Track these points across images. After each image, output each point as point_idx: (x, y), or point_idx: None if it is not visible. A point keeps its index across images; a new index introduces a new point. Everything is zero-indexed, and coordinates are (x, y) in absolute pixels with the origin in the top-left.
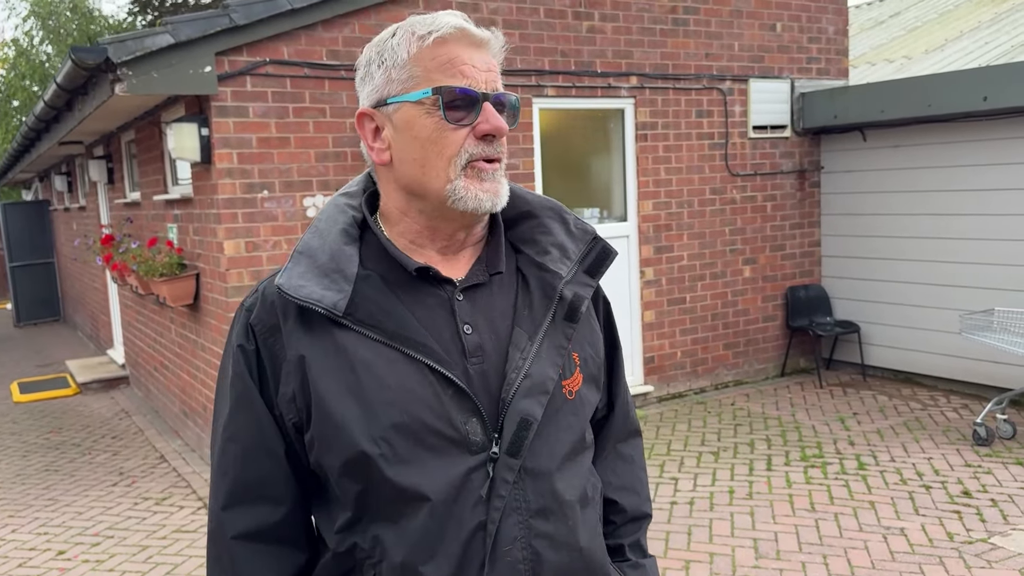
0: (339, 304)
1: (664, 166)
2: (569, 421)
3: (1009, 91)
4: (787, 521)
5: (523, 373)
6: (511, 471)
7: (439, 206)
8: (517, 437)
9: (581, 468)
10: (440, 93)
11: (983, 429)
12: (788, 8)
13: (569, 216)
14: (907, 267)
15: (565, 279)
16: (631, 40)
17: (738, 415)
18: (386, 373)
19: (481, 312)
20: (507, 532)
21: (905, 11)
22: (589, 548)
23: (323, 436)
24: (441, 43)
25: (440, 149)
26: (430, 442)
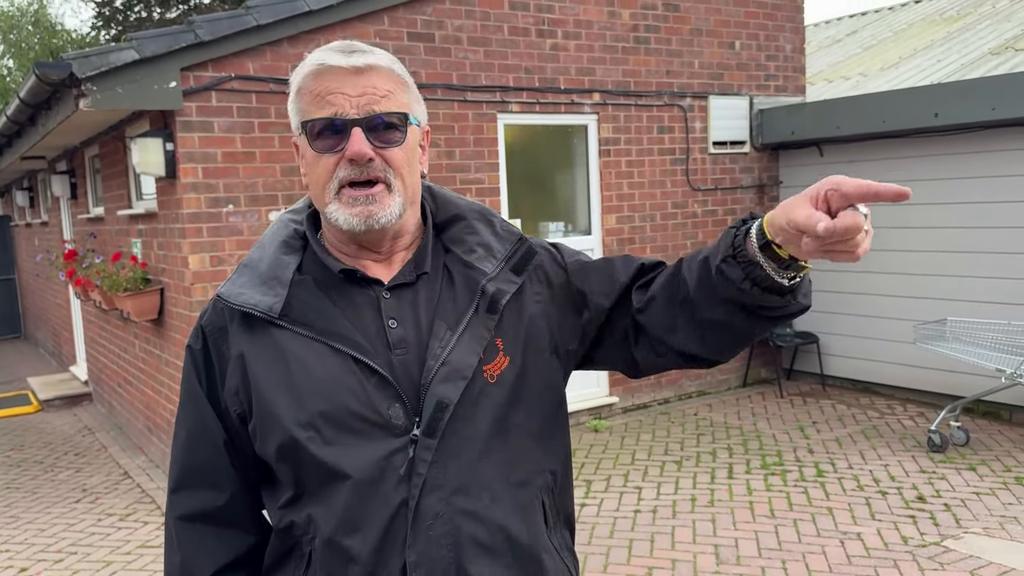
0: (275, 307)
1: (627, 181)
2: (490, 403)
3: (959, 108)
4: (747, 527)
5: (441, 360)
6: (429, 451)
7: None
8: (433, 419)
9: (513, 448)
10: (305, 127)
11: (937, 436)
12: (746, 27)
13: (496, 219)
14: (863, 279)
15: (489, 276)
16: (593, 58)
17: (701, 425)
18: (315, 366)
19: (408, 308)
20: (428, 508)
21: (861, 29)
22: (514, 527)
23: (261, 425)
24: (316, 75)
25: (317, 175)
26: (355, 426)
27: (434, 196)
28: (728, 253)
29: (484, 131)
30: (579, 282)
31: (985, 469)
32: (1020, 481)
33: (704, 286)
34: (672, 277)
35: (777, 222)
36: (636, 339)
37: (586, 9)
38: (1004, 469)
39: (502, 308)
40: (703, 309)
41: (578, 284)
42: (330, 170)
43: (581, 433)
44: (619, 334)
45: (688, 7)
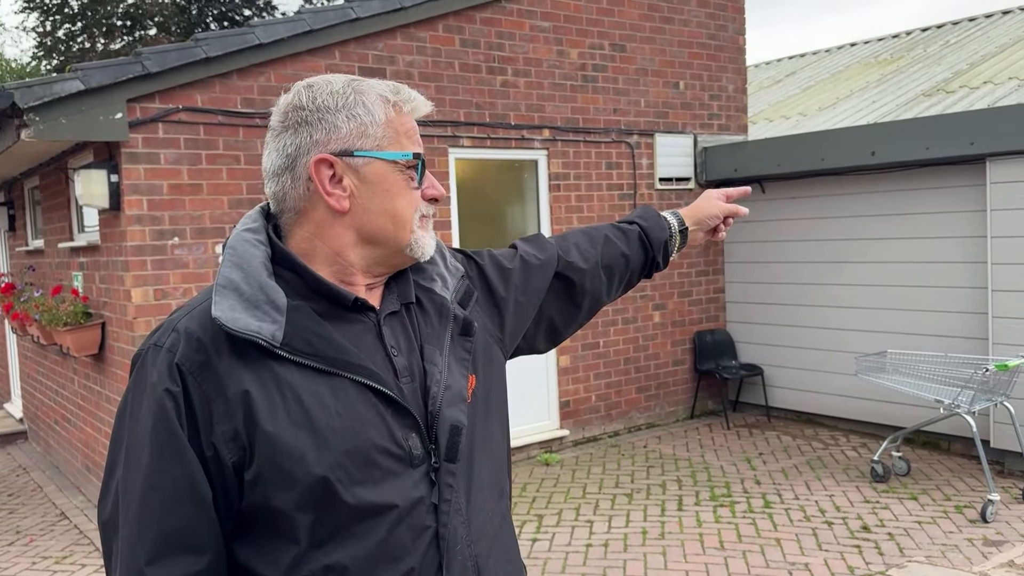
0: (276, 335)
1: (576, 215)
2: (473, 421)
3: (895, 147)
4: (698, 560)
5: (443, 385)
6: (452, 475)
7: (394, 253)
8: (451, 443)
9: (495, 463)
10: (419, 158)
11: (880, 466)
12: (690, 67)
13: (447, 252)
14: (805, 312)
15: (451, 303)
16: (543, 95)
17: (650, 457)
18: (332, 400)
19: (401, 336)
20: (455, 533)
21: (800, 71)
22: (507, 537)
23: (274, 471)
24: (410, 112)
25: (407, 204)
26: (380, 461)
27: None
28: (670, 234)
29: (435, 165)
30: (506, 290)
31: (926, 498)
32: (960, 509)
33: (638, 252)
34: (601, 250)
35: (711, 213)
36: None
37: (535, 48)
38: (944, 498)
39: (476, 331)
40: (631, 268)
41: (504, 292)
42: (418, 202)
43: (532, 467)
44: (548, 312)
45: (634, 47)
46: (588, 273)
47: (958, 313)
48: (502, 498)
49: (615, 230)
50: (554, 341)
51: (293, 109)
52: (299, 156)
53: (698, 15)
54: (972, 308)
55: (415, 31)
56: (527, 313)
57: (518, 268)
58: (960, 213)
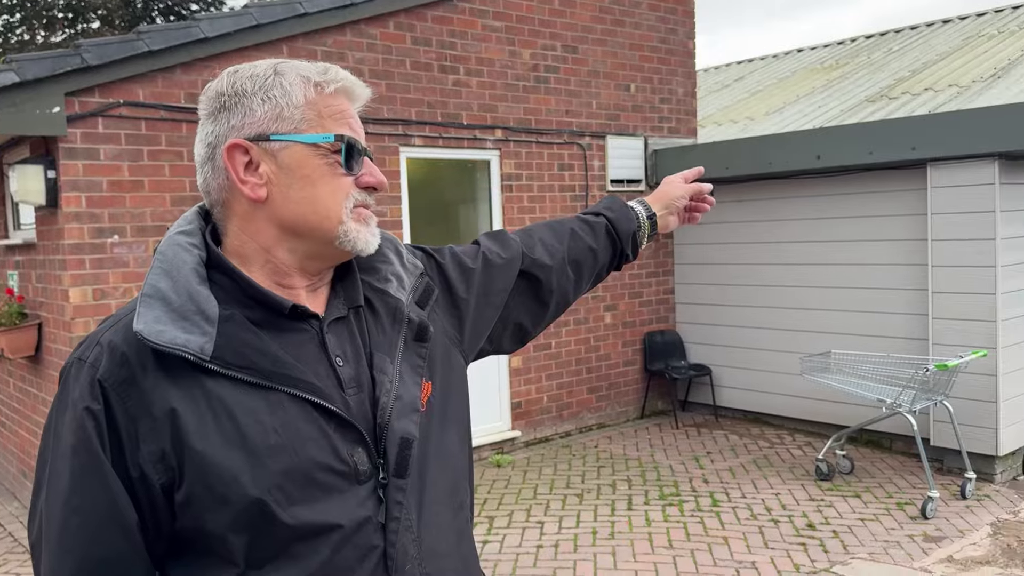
0: (205, 348)
1: (529, 216)
2: (428, 432)
3: (839, 151)
4: (647, 559)
5: (393, 395)
6: (401, 491)
7: (323, 245)
8: (401, 458)
9: (451, 475)
10: (343, 141)
11: (824, 465)
12: (641, 71)
13: (403, 249)
14: (752, 313)
15: (405, 305)
16: (495, 95)
17: (601, 457)
18: (268, 416)
19: (348, 343)
20: (404, 551)
21: (748, 76)
22: (465, 551)
23: (205, 492)
24: (335, 94)
25: (333, 191)
26: (322, 479)
27: None
28: (638, 226)
29: (386, 164)
30: (467, 291)
31: (869, 496)
32: (901, 507)
33: (605, 245)
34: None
35: (677, 194)
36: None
37: (487, 47)
38: (887, 496)
39: (431, 336)
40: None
41: (465, 293)
42: (348, 190)
43: (484, 469)
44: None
45: (586, 50)
46: (555, 270)
47: (900, 314)
48: (461, 511)
49: (581, 223)
50: (521, 341)
51: (215, 96)
52: (217, 144)
53: (649, 18)
54: (913, 309)
55: (365, 27)
56: (490, 314)
57: (480, 268)
58: (902, 216)
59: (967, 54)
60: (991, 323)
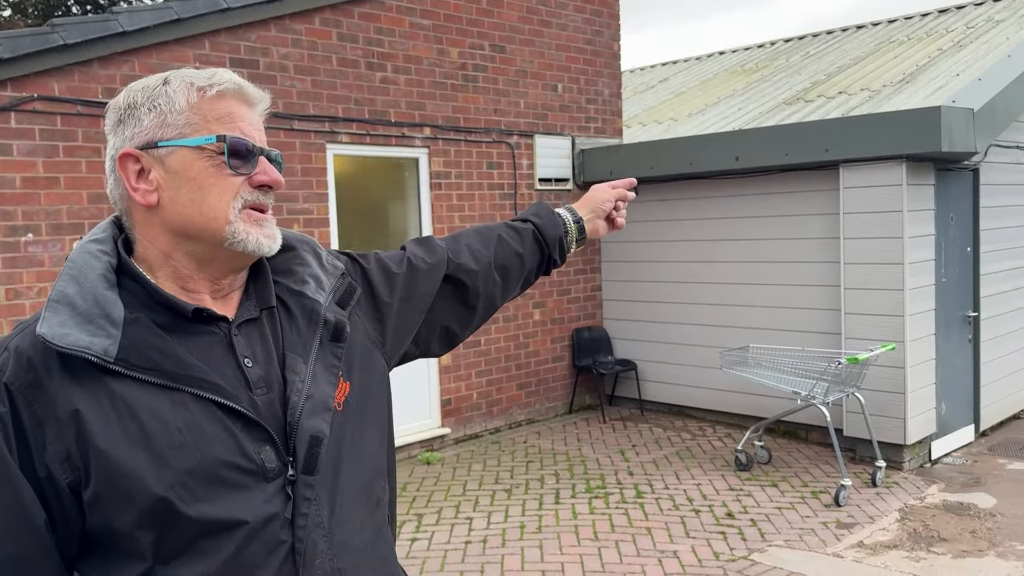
0: (109, 349)
1: (458, 214)
2: (343, 431)
3: (757, 152)
4: (573, 551)
5: (304, 395)
6: (310, 488)
7: (214, 247)
8: (310, 455)
9: (367, 472)
10: (224, 141)
11: (743, 455)
12: (568, 71)
13: (322, 251)
14: (675, 309)
15: (324, 306)
16: (424, 93)
17: (530, 452)
18: (172, 416)
19: (258, 345)
20: (313, 547)
21: (672, 77)
22: (382, 549)
23: (111, 491)
24: (220, 97)
25: (219, 192)
26: (228, 477)
27: None
28: (565, 230)
29: (312, 161)
30: (390, 295)
31: (786, 485)
32: (816, 495)
33: (533, 250)
34: (495, 249)
35: (603, 198)
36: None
37: (415, 45)
38: (802, 484)
39: (348, 336)
40: (525, 267)
41: (388, 297)
42: (237, 189)
43: (413, 466)
44: (440, 316)
45: (513, 49)
46: (480, 275)
47: (814, 310)
48: (378, 508)
49: (509, 229)
50: (450, 344)
51: (115, 110)
52: (115, 156)
53: (575, 20)
54: (827, 305)
55: (290, 23)
56: (413, 319)
57: (404, 272)
58: (816, 216)
59: (879, 59)
60: (899, 318)
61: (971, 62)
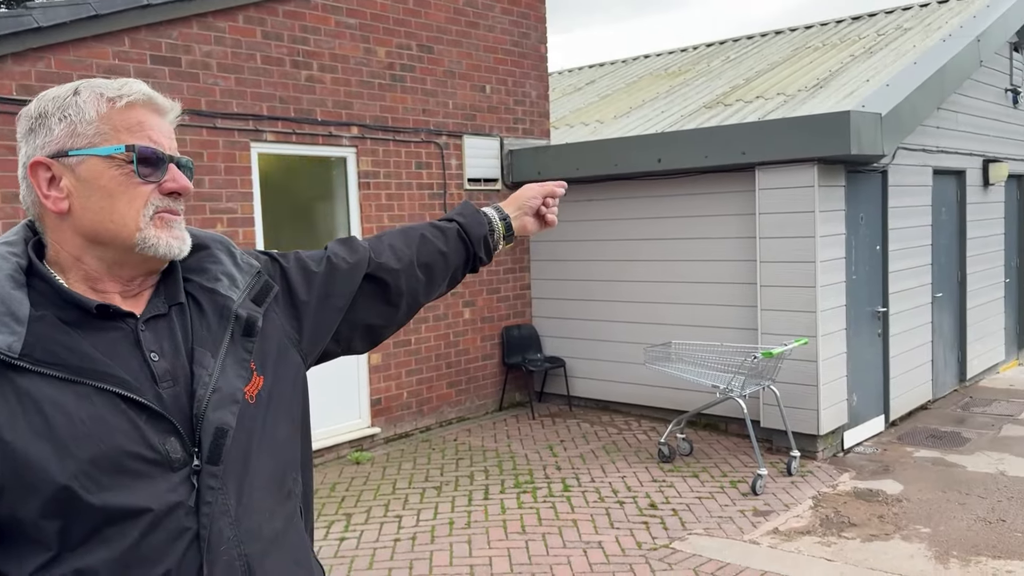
0: (13, 346)
1: (387, 213)
2: (254, 423)
3: (678, 154)
4: (501, 545)
5: (211, 388)
6: (215, 478)
7: (124, 252)
8: (215, 446)
9: (278, 464)
10: (133, 150)
11: (666, 448)
12: (496, 72)
13: (236, 250)
14: (602, 307)
15: (237, 303)
16: (351, 92)
17: (460, 450)
18: (76, 409)
19: (166, 340)
20: (219, 535)
21: (599, 80)
22: (292, 539)
23: (16, 482)
24: (130, 107)
25: (129, 200)
26: (132, 467)
27: None
28: (489, 229)
29: (236, 159)
30: (307, 293)
31: (706, 475)
32: (734, 484)
33: (457, 249)
34: (418, 249)
35: (529, 195)
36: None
37: (341, 44)
38: (721, 475)
39: (259, 331)
40: (449, 267)
41: (305, 296)
42: (147, 197)
43: (342, 467)
44: (361, 315)
45: (441, 50)
46: (403, 273)
47: (732, 306)
48: (288, 499)
49: (433, 228)
50: (373, 341)
51: (26, 119)
52: (27, 163)
53: (502, 22)
54: (744, 302)
55: (213, 20)
56: (331, 317)
57: (324, 272)
58: (734, 216)
59: (795, 64)
60: (811, 314)
61: (880, 68)
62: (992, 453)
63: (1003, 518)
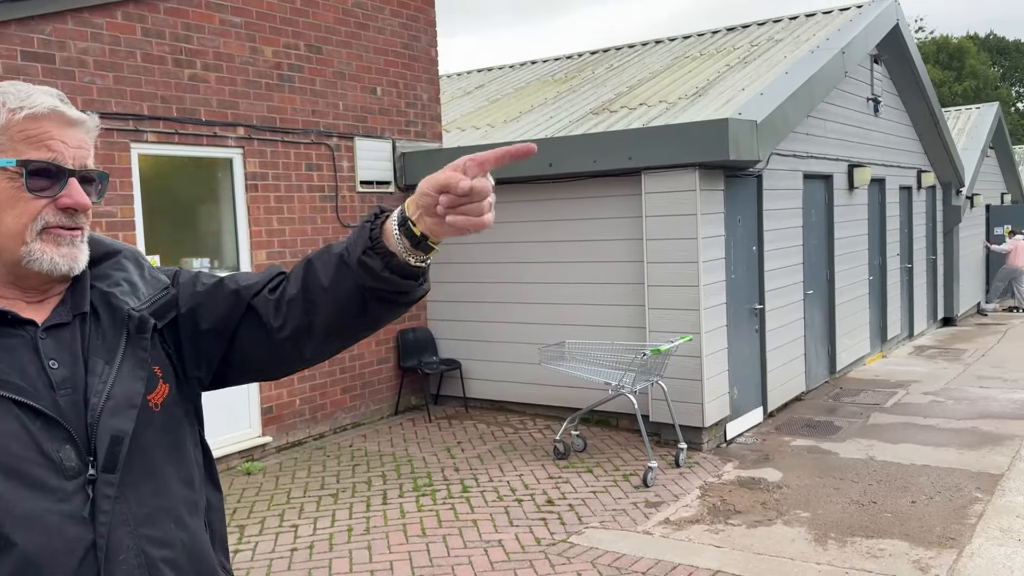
0: None
1: (276, 216)
2: (158, 430)
3: (568, 159)
4: (401, 549)
5: (105, 395)
6: (111, 486)
7: (14, 265)
8: (111, 453)
9: (186, 473)
10: (24, 165)
11: (561, 445)
12: (387, 74)
13: (145, 263)
14: (495, 309)
15: (133, 309)
16: (236, 91)
17: (356, 456)
18: None
19: (67, 349)
20: (118, 544)
21: (488, 84)
22: (196, 549)
23: None
24: (32, 119)
25: (17, 214)
26: (25, 473)
27: None
28: (367, 246)
29: (115, 161)
30: (194, 314)
31: (600, 470)
32: (627, 478)
33: (340, 279)
34: (303, 279)
35: (420, 189)
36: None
37: (226, 43)
38: (614, 469)
39: (151, 328)
40: (338, 301)
41: (194, 316)
42: (37, 211)
43: (232, 478)
44: (248, 346)
45: (330, 50)
46: (284, 304)
47: (622, 306)
48: (195, 509)
49: (324, 252)
50: (263, 378)
51: None
52: None
53: (392, 24)
54: (633, 301)
55: (89, 16)
56: (209, 341)
57: (207, 289)
58: (622, 219)
59: (675, 73)
60: (695, 312)
61: (755, 78)
62: (862, 440)
63: (874, 500)
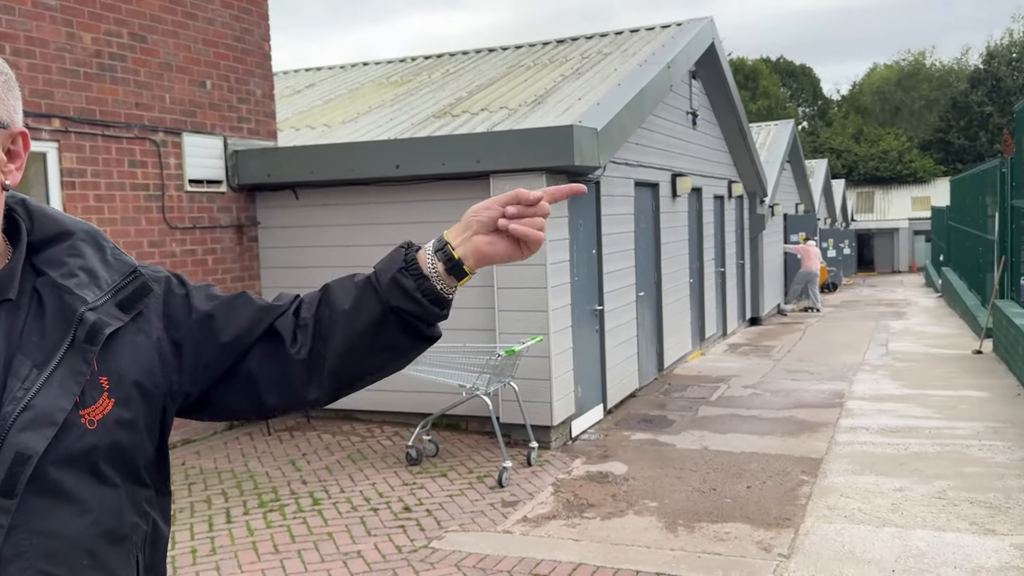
0: None
1: (96, 216)
2: (89, 452)
3: (416, 161)
4: (254, 568)
5: (22, 405)
6: (6, 514)
7: None
8: (11, 475)
9: (113, 501)
10: None
11: (414, 451)
12: (217, 68)
13: (107, 244)
14: None
15: (90, 305)
16: (51, 80)
17: (190, 474)
18: None
19: None
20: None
21: (319, 83)
22: None
23: None
24: None
25: None
26: None
27: (30, 211)
28: (402, 266)
29: None
30: (211, 321)
31: (454, 473)
32: (482, 479)
33: (365, 301)
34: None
35: (478, 207)
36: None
37: (40, 27)
38: (468, 471)
39: (104, 339)
40: (357, 326)
41: (210, 324)
42: None
43: None
44: (257, 367)
45: (156, 40)
46: (302, 331)
47: (473, 308)
48: (120, 544)
49: (347, 280)
50: (272, 414)
51: None
52: None
53: (223, 15)
54: (483, 303)
55: None
56: (216, 354)
57: (225, 301)
58: None
59: (512, 81)
60: (544, 313)
61: (589, 88)
62: (695, 432)
63: (714, 487)
